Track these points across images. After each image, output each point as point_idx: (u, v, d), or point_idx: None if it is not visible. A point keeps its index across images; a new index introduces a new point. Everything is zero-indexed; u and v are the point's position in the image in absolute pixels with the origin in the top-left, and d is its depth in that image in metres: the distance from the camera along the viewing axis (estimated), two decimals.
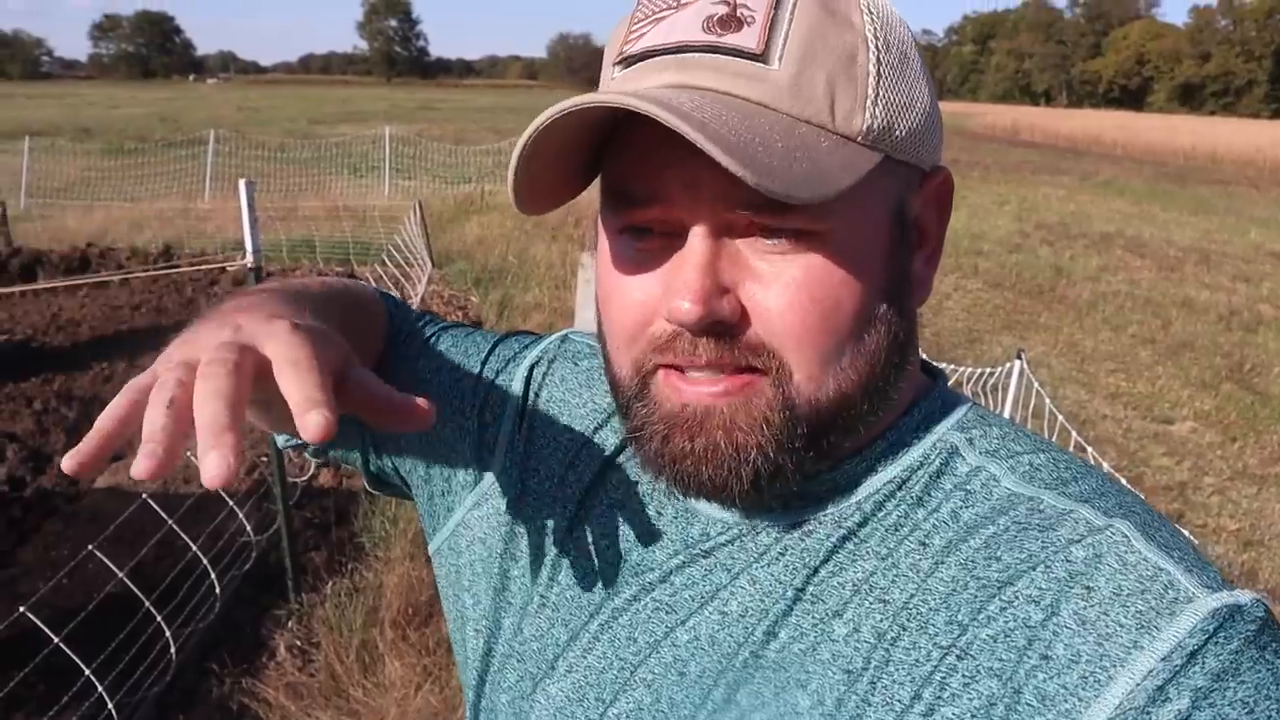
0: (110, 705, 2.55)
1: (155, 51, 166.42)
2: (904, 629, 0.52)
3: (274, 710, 2.92)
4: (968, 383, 5.03)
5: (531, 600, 0.69)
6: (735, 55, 0.51)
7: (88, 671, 2.49)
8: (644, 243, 0.55)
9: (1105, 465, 4.33)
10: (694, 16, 0.52)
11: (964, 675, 0.49)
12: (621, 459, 0.68)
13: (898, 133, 0.54)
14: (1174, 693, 0.44)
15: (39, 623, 2.41)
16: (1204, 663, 0.44)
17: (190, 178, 14.18)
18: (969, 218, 14.23)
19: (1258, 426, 6.06)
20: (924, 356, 0.66)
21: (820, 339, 0.53)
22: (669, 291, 0.53)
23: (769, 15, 0.51)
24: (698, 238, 0.52)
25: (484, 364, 0.77)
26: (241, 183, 2.95)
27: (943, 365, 5.41)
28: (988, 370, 4.92)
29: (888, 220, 0.55)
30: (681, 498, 0.61)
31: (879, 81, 0.52)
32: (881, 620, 0.53)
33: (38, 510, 4.25)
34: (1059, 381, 6.74)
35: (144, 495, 3.11)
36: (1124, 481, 4.07)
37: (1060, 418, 3.92)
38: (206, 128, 16.47)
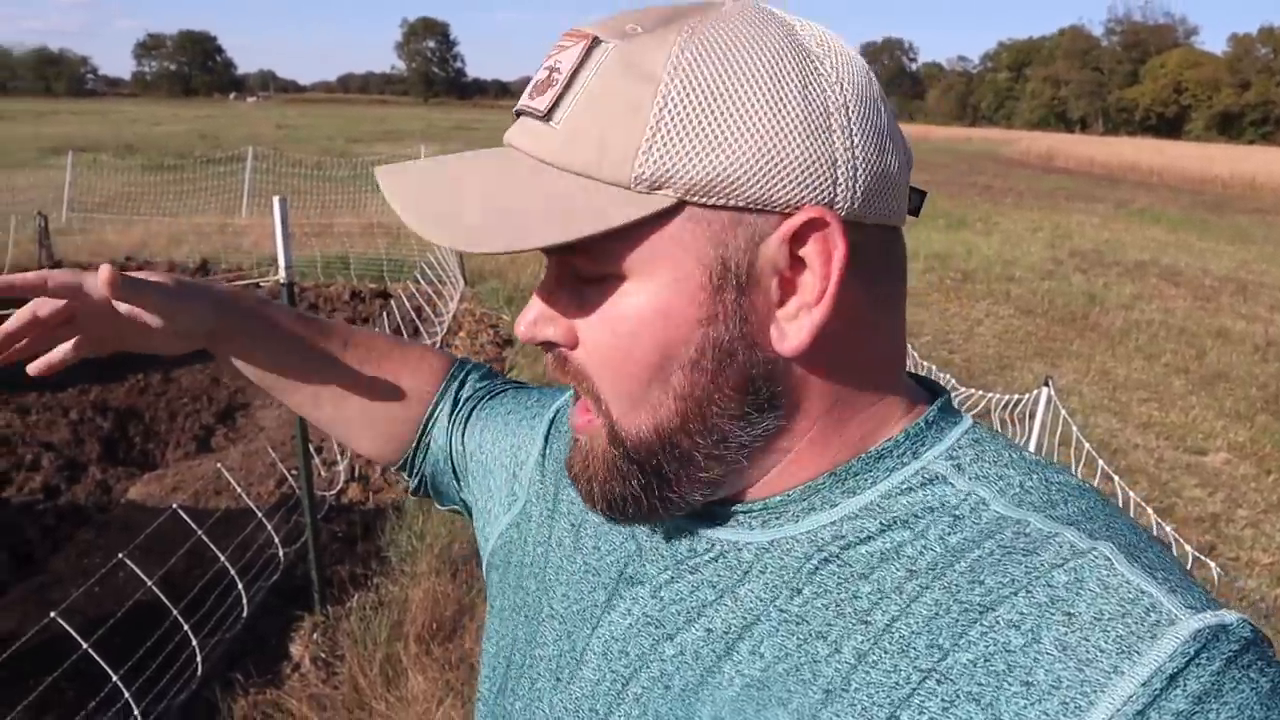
0: (136, 711, 2.59)
1: (197, 70, 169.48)
2: (885, 651, 0.52)
3: None
4: (996, 409, 4.99)
5: (541, 611, 0.72)
6: (532, 116, 0.57)
7: (115, 678, 2.53)
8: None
9: (1135, 496, 4.28)
10: (532, 82, 0.59)
11: (942, 700, 0.49)
12: None
13: (690, 177, 0.53)
14: (1154, 717, 0.44)
15: (69, 629, 2.45)
16: (1185, 686, 0.44)
17: (228, 194, 14.41)
18: (1001, 244, 14.16)
19: None
20: (949, 378, 0.66)
21: (619, 379, 0.58)
22: (522, 314, 0.62)
23: (567, 79, 0.56)
24: (547, 268, 0.61)
25: (531, 408, 0.89)
26: (275, 200, 3.00)
27: (972, 391, 5.39)
28: (1016, 397, 4.88)
29: (694, 263, 0.54)
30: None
31: (659, 128, 0.52)
32: (863, 641, 0.53)
33: (71, 519, 4.32)
34: (1090, 410, 6.67)
35: (175, 506, 3.15)
36: (1152, 511, 4.00)
37: (1088, 446, 3.88)
38: (245, 145, 16.74)
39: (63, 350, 0.87)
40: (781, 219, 0.54)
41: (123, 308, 0.82)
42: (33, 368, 0.87)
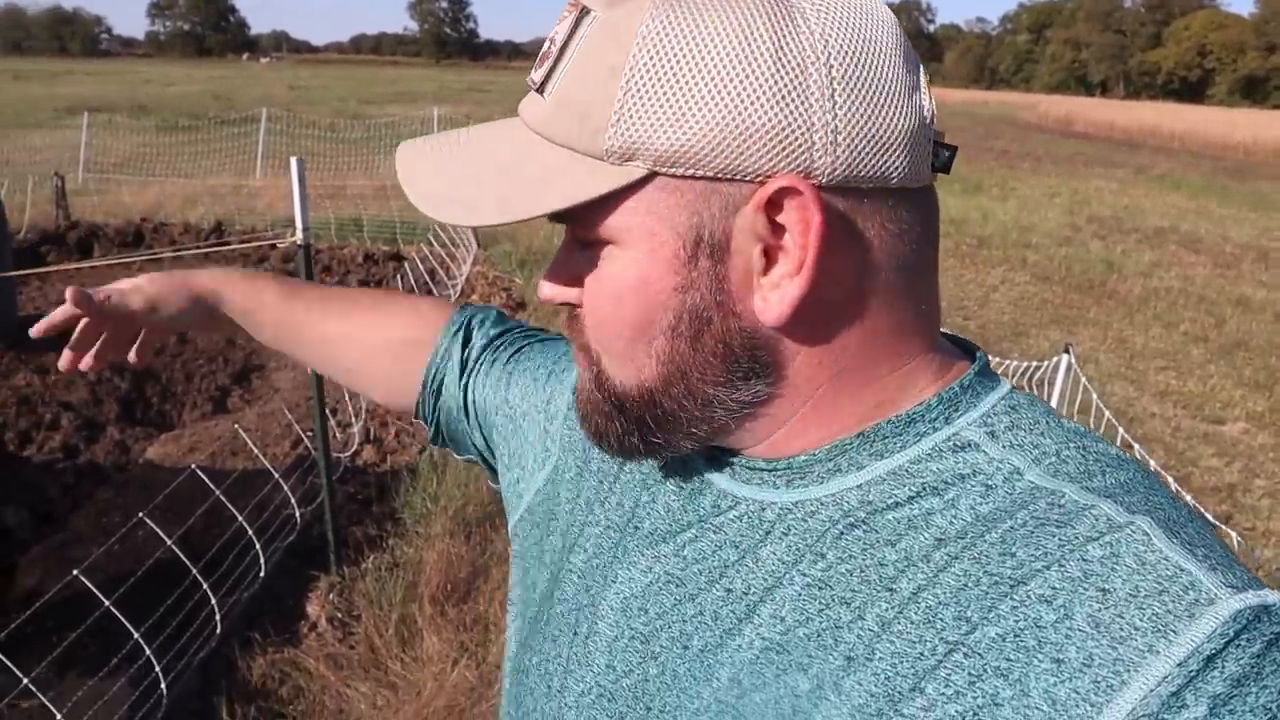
0: (158, 668, 2.62)
1: (210, 30, 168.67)
2: (910, 621, 0.51)
3: (314, 679, 2.98)
4: (1012, 376, 4.97)
5: (563, 566, 0.72)
6: (532, 89, 0.59)
7: (136, 635, 2.56)
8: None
9: (1155, 464, 4.27)
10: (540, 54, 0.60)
11: (970, 673, 0.48)
12: None
13: (658, 147, 0.52)
14: (1190, 699, 0.42)
15: (91, 586, 2.48)
16: (1223, 668, 0.43)
17: (242, 155, 14.38)
18: (1018, 209, 14.03)
19: None
20: (970, 340, 0.65)
21: (606, 338, 0.61)
22: (544, 275, 0.65)
23: (559, 50, 0.57)
24: (565, 234, 0.63)
25: (560, 361, 0.89)
26: (293, 160, 2.98)
27: (989, 358, 5.35)
28: (1033, 364, 4.86)
29: (669, 232, 0.55)
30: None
31: (624, 99, 0.53)
32: (888, 609, 0.52)
33: (90, 478, 4.36)
34: (1107, 378, 6.64)
35: (193, 466, 3.18)
36: (1170, 479, 3.99)
37: (1108, 414, 3.86)
38: (259, 106, 16.68)
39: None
40: (756, 187, 0.53)
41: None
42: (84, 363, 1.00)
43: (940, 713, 0.48)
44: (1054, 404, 3.87)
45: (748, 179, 0.52)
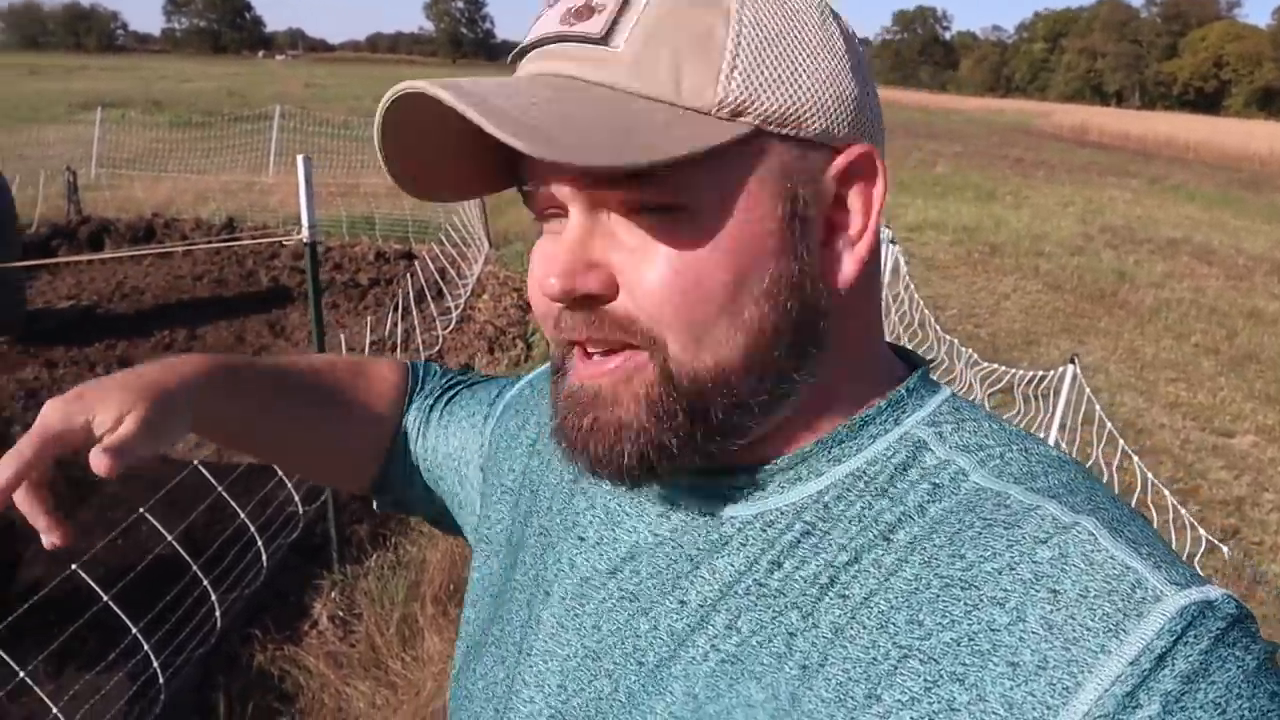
0: (155, 664, 2.62)
1: (226, 27, 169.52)
2: (863, 626, 0.51)
3: (314, 678, 2.97)
4: (1018, 385, 4.94)
5: (507, 588, 0.71)
6: (581, 41, 0.54)
7: (135, 630, 2.56)
8: (551, 226, 0.59)
9: (1153, 478, 4.23)
10: (557, 11, 0.56)
11: (925, 679, 0.47)
12: None
13: (768, 105, 0.53)
14: (1144, 698, 0.43)
15: (90, 580, 2.48)
16: (1173, 665, 0.43)
17: (255, 152, 14.43)
18: (1031, 218, 13.99)
19: None
20: (973, 353, 0.64)
21: (686, 311, 0.53)
22: (543, 270, 0.57)
23: (620, 3, 0.53)
24: (572, 216, 0.56)
25: (490, 396, 0.89)
26: (300, 159, 2.98)
27: (995, 366, 5.33)
28: (1039, 374, 4.83)
29: (768, 194, 0.54)
30: (590, 478, 0.63)
31: (737, 55, 0.52)
32: (840, 615, 0.52)
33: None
34: (1116, 388, 6.60)
35: (195, 462, 3.18)
36: (1167, 493, 3.96)
37: (1109, 425, 3.84)
38: (273, 103, 16.73)
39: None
40: (834, 154, 0.55)
41: None
42: (59, 542, 0.70)
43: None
44: (1059, 414, 3.85)
45: (833, 144, 0.55)
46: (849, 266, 0.56)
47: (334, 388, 0.90)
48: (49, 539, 0.68)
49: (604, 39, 0.53)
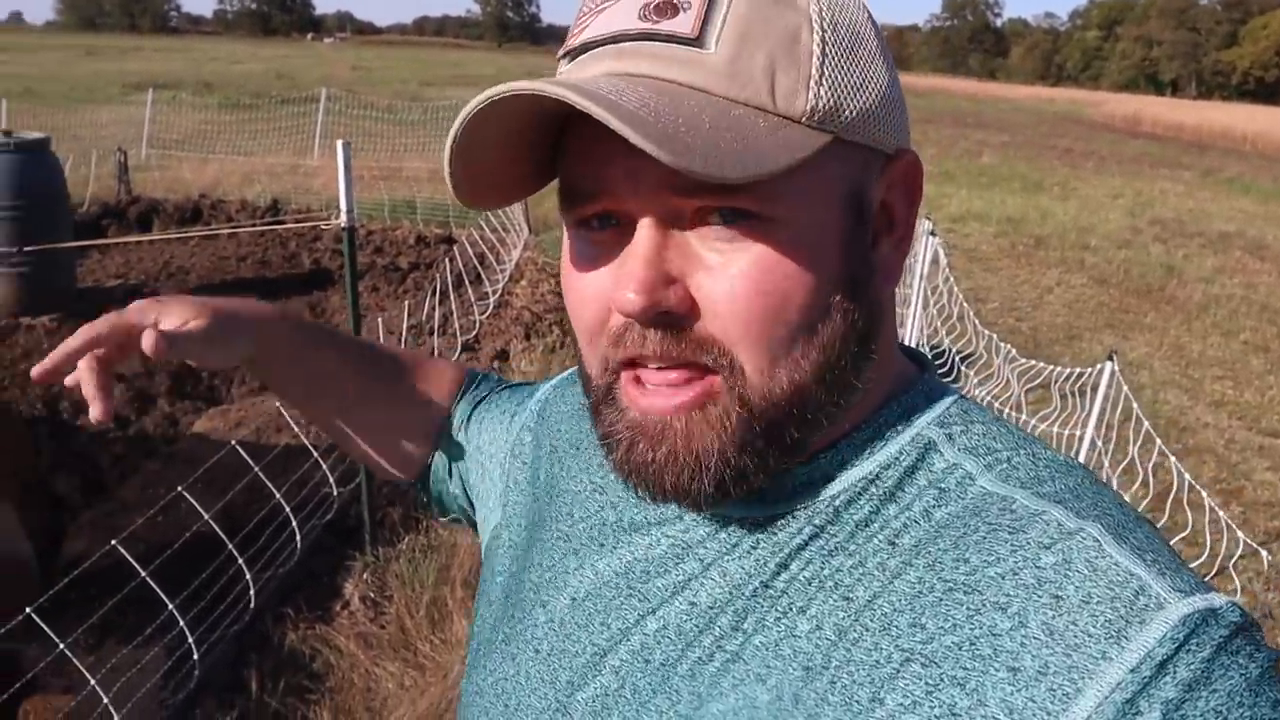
0: (190, 640, 2.68)
1: (276, 9, 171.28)
2: (866, 629, 0.51)
3: (344, 657, 3.02)
4: (1054, 382, 4.88)
5: (519, 587, 0.72)
6: (669, 41, 0.51)
7: (171, 606, 2.62)
8: (598, 235, 0.56)
9: (1189, 478, 4.16)
10: (631, 5, 0.52)
11: (927, 683, 0.48)
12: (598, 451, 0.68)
13: (847, 114, 0.52)
14: (1144, 705, 0.43)
15: (129, 556, 2.54)
16: (1175, 673, 0.43)
17: (301, 134, 14.59)
18: (1078, 210, 13.75)
19: None
20: (1011, 349, 0.64)
21: (769, 330, 0.52)
22: (616, 284, 0.53)
23: (707, 0, 0.51)
24: (644, 228, 0.53)
25: (519, 400, 0.90)
26: (339, 144, 3.02)
27: (1032, 363, 5.26)
28: (1076, 370, 4.76)
29: (841, 205, 0.54)
30: (652, 503, 0.61)
31: (824, 62, 0.51)
32: (844, 618, 0.52)
33: (139, 449, 4.46)
34: (1160, 385, 6.49)
35: (233, 443, 3.23)
36: (1210, 493, 3.89)
37: (1146, 424, 3.77)
38: (319, 86, 16.89)
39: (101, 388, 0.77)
40: (886, 159, 0.56)
41: None
42: (98, 416, 0.76)
43: None
44: (1096, 412, 3.79)
45: (887, 149, 0.56)
46: (892, 270, 0.58)
47: (396, 370, 0.94)
48: (93, 409, 0.75)
49: (697, 40, 0.50)
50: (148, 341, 0.75)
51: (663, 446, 0.55)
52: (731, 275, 0.51)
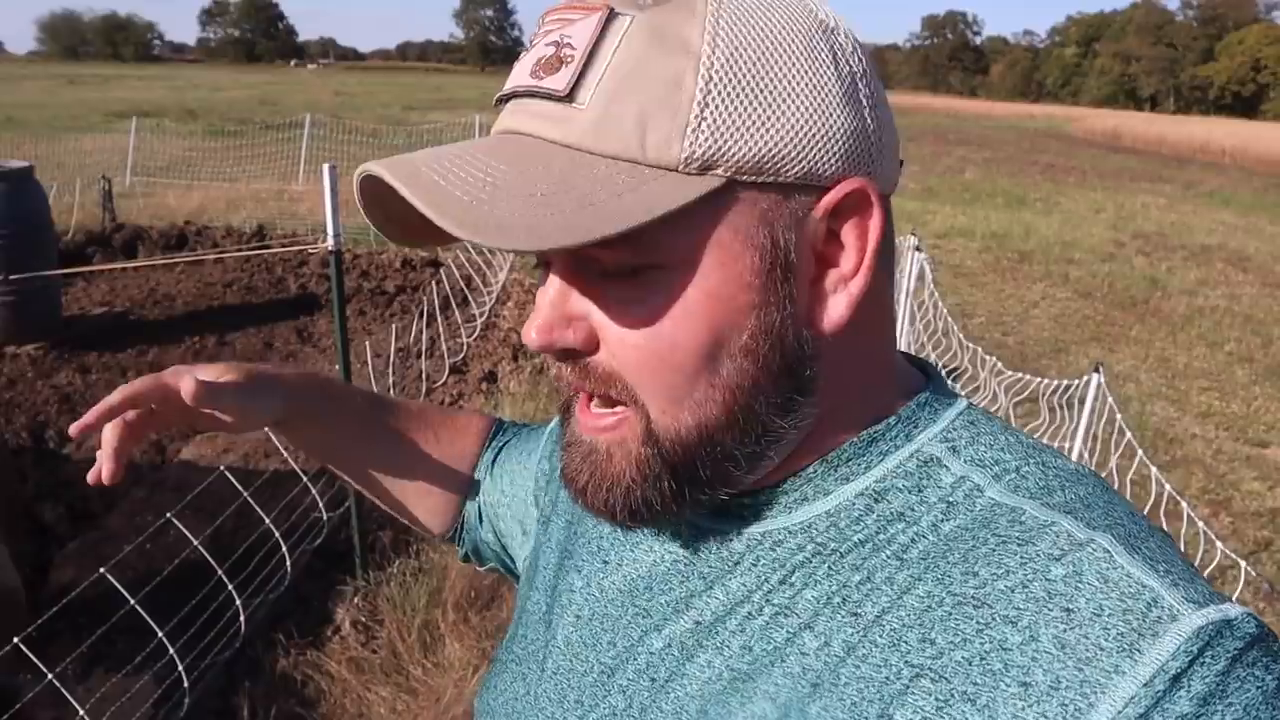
0: (180, 667, 2.65)
1: (260, 37, 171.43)
2: (875, 644, 0.50)
3: (336, 682, 3.00)
4: (1042, 395, 4.90)
5: (540, 608, 0.73)
6: (547, 99, 0.52)
7: (160, 634, 2.59)
8: (544, 274, 0.59)
9: (1170, 488, 4.18)
10: (529, 60, 0.54)
11: (937, 699, 0.47)
12: None
13: (740, 154, 0.50)
14: None
15: (117, 584, 2.52)
16: (1189, 686, 0.42)
17: (286, 160, 14.58)
18: (1061, 224, 13.85)
19: None
20: (997, 362, 0.64)
21: (663, 375, 0.53)
22: (530, 321, 0.57)
23: (585, 54, 0.51)
24: (554, 269, 0.56)
25: (539, 437, 0.91)
26: (325, 168, 3.02)
27: (1020, 375, 5.29)
28: (1063, 383, 4.78)
29: (745, 246, 0.52)
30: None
31: (706, 105, 0.50)
32: (852, 634, 0.52)
33: (127, 477, 4.41)
34: (1147, 397, 6.52)
35: (221, 468, 3.21)
36: (1199, 504, 3.90)
37: (1129, 435, 3.79)
38: (303, 111, 16.91)
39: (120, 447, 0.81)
40: (823, 192, 0.53)
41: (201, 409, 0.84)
42: (104, 478, 0.80)
43: None
44: (1084, 424, 3.81)
45: (821, 184, 0.53)
46: (837, 308, 0.54)
47: (424, 426, 0.96)
48: (103, 468, 0.77)
49: (568, 97, 0.51)
50: (187, 386, 0.77)
51: (589, 465, 0.59)
52: (625, 318, 0.53)
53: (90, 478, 0.77)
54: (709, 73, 0.50)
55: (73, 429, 0.78)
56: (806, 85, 0.51)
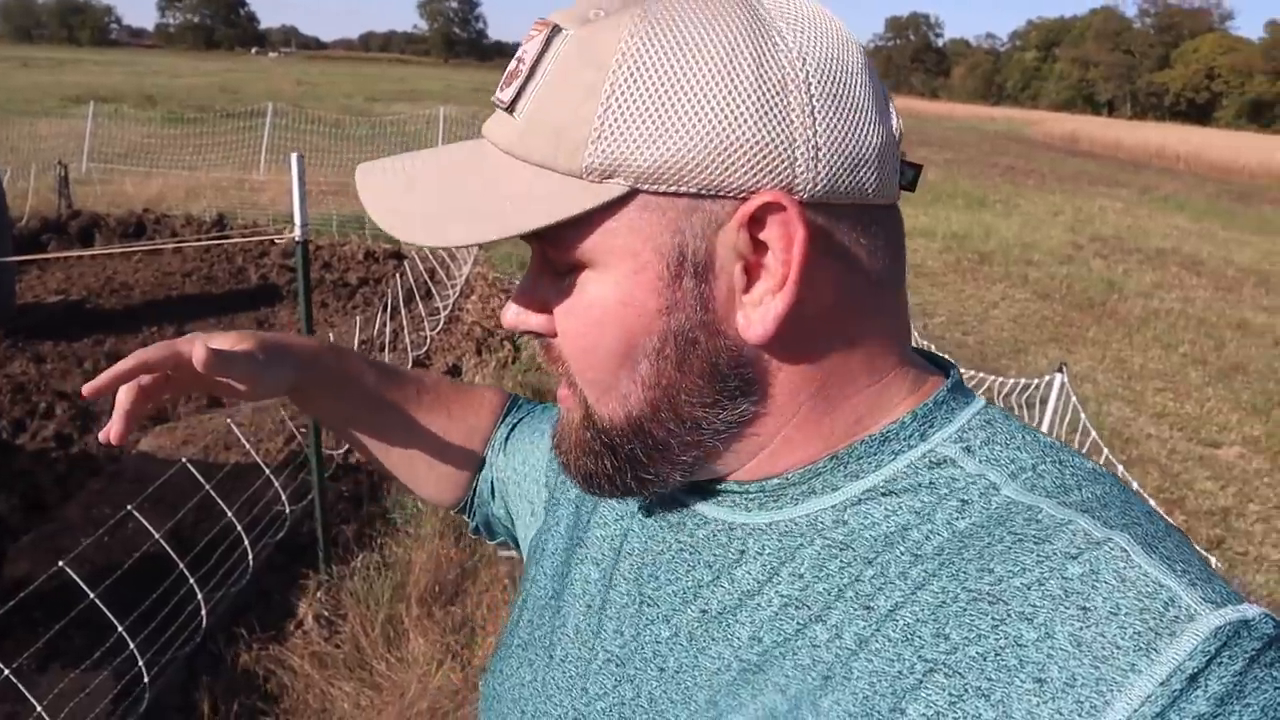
0: (140, 662, 2.61)
1: (220, 23, 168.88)
2: (888, 638, 0.50)
3: (298, 678, 2.97)
4: (1005, 394, 4.97)
5: (546, 593, 0.73)
6: (501, 109, 0.58)
7: (120, 629, 2.55)
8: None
9: (1136, 486, 4.26)
10: (505, 72, 0.59)
11: (950, 693, 0.47)
12: None
13: (642, 164, 0.52)
14: (1174, 719, 0.42)
15: (76, 578, 2.47)
16: (1206, 686, 0.42)
17: (247, 149, 14.38)
18: (1021, 226, 14.04)
19: None
20: (961, 361, 0.65)
21: (589, 370, 0.58)
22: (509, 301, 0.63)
23: (529, 69, 0.56)
24: (531, 261, 0.61)
25: (546, 425, 0.93)
26: (293, 157, 2.98)
27: (982, 375, 5.35)
28: (1025, 382, 4.86)
29: (652, 252, 0.54)
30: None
31: (607, 116, 0.52)
32: (865, 627, 0.52)
33: (83, 468, 4.35)
34: (1104, 398, 6.64)
35: (184, 460, 3.17)
36: (1153, 502, 3.99)
37: (1094, 434, 3.85)
38: (265, 100, 16.69)
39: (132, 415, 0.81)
40: (739, 204, 0.52)
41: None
42: (112, 437, 0.79)
43: None
44: (1047, 423, 3.86)
45: (731, 195, 0.52)
46: (763, 318, 0.54)
47: (438, 399, 0.97)
48: (111, 429, 0.77)
49: (509, 107, 0.56)
50: (199, 354, 0.77)
51: (561, 432, 0.64)
52: (562, 310, 0.58)
53: (101, 437, 0.78)
54: (612, 85, 0.52)
55: (86, 389, 0.78)
56: (714, 96, 0.51)
